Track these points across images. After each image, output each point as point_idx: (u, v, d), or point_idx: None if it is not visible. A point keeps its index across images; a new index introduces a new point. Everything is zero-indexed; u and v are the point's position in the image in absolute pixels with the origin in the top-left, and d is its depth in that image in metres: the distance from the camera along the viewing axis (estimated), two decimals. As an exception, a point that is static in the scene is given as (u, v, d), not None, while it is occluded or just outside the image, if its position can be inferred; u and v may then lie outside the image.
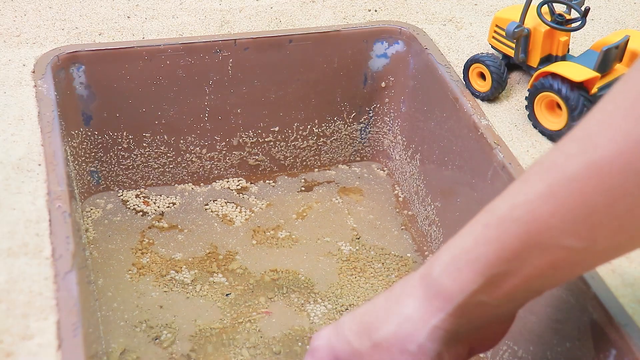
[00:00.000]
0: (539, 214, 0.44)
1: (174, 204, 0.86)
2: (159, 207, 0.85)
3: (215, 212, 0.85)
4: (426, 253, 0.81)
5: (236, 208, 0.85)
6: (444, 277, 0.48)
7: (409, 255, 0.82)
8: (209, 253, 0.80)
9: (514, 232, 0.45)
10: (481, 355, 0.71)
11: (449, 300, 0.48)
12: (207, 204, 0.86)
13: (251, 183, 0.89)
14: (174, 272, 0.78)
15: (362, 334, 0.52)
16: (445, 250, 0.49)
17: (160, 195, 0.86)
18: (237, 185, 0.88)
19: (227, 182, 0.89)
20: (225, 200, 0.86)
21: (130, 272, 0.77)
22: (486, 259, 0.46)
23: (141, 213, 0.84)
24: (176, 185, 0.88)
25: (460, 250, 0.48)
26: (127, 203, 0.85)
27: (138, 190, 0.87)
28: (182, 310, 0.74)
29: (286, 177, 0.90)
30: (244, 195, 0.87)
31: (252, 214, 0.85)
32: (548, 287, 0.49)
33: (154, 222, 0.83)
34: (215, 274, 0.78)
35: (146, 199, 0.86)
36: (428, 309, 0.49)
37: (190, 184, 0.88)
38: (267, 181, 0.89)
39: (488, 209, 0.47)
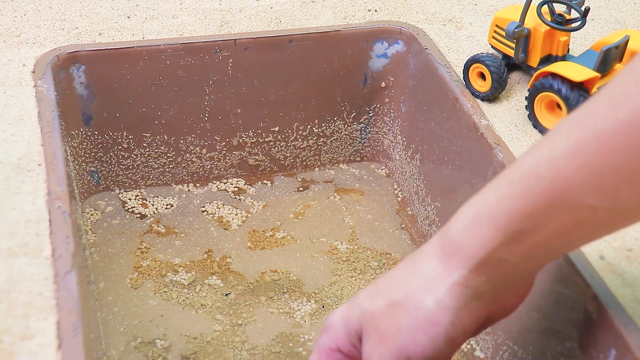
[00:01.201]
0: (565, 171, 0.43)
1: (171, 205, 0.85)
2: (157, 209, 0.85)
3: (212, 215, 0.85)
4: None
5: (233, 210, 0.85)
6: (465, 233, 0.47)
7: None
8: (206, 257, 0.80)
9: (538, 189, 0.44)
10: (481, 356, 0.71)
11: (469, 257, 0.47)
12: (203, 207, 0.85)
13: (250, 185, 0.88)
14: (172, 275, 0.77)
15: (376, 296, 0.50)
16: (467, 208, 0.48)
17: (158, 197, 0.86)
18: (234, 187, 0.88)
19: (225, 183, 0.89)
20: (222, 202, 0.86)
21: (130, 277, 0.77)
22: (509, 216, 0.45)
23: (139, 216, 0.84)
24: (175, 186, 0.88)
25: (482, 206, 0.47)
26: (126, 205, 0.85)
27: (137, 190, 0.87)
28: (182, 315, 0.74)
29: (283, 177, 0.90)
30: (241, 197, 0.87)
31: (249, 216, 0.85)
32: (570, 247, 0.48)
33: (152, 225, 0.83)
34: (213, 277, 0.78)
35: (144, 202, 0.85)
36: (448, 266, 0.48)
37: (189, 184, 0.88)
38: (265, 182, 0.89)
39: (513, 166, 0.46)
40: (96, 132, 0.83)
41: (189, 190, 0.87)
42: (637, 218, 0.46)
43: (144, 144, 0.85)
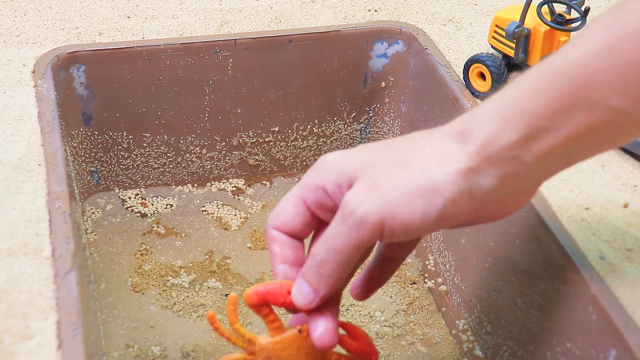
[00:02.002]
0: (592, 69, 0.44)
1: (171, 205, 0.85)
2: (156, 209, 0.85)
3: (212, 215, 0.84)
4: (426, 253, 0.81)
5: (232, 210, 0.85)
6: (486, 123, 0.47)
7: (409, 260, 0.82)
8: (206, 259, 0.80)
9: (563, 86, 0.44)
10: (481, 355, 0.71)
11: (487, 146, 0.46)
12: (203, 207, 0.85)
13: (249, 186, 0.88)
14: (172, 278, 0.77)
15: (384, 151, 0.49)
16: (493, 99, 0.48)
17: (157, 197, 0.86)
18: (233, 187, 0.88)
19: (224, 183, 0.88)
20: (222, 203, 0.86)
21: (131, 280, 0.77)
22: (532, 111, 0.45)
23: (139, 214, 0.84)
24: (175, 186, 0.88)
25: (507, 99, 0.47)
26: (126, 203, 0.85)
27: (138, 190, 0.87)
28: (182, 318, 0.74)
29: (282, 178, 0.90)
30: (240, 197, 0.87)
31: (249, 216, 0.85)
32: (585, 153, 0.48)
33: (152, 225, 0.83)
34: (213, 279, 0.78)
35: (144, 201, 0.85)
36: (464, 149, 0.47)
37: (189, 184, 0.88)
38: (264, 182, 0.89)
39: (542, 62, 0.46)
40: (96, 132, 0.83)
41: (189, 191, 0.87)
42: None
43: (144, 144, 0.85)
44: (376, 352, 0.54)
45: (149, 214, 0.84)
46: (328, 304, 0.51)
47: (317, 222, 0.52)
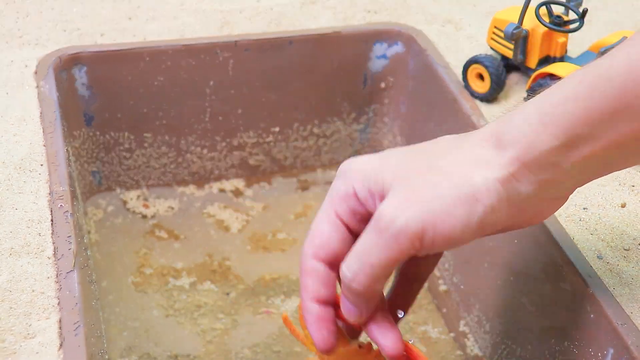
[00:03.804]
0: (636, 75, 0.42)
1: (172, 207, 0.86)
2: (158, 210, 0.85)
3: (213, 217, 0.85)
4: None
5: (233, 213, 0.85)
6: (525, 128, 0.45)
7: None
8: (207, 260, 0.80)
9: (607, 92, 0.43)
10: (480, 354, 0.71)
11: (526, 153, 0.45)
12: (204, 209, 0.86)
13: (249, 187, 0.89)
14: (174, 280, 0.78)
15: (416, 157, 0.47)
16: (530, 103, 0.46)
17: (159, 199, 0.86)
18: (234, 188, 0.88)
19: (225, 184, 0.89)
20: (223, 205, 0.86)
21: (133, 280, 0.77)
22: (572, 116, 0.44)
23: (141, 215, 0.84)
24: (176, 186, 0.88)
25: (547, 103, 0.45)
26: (127, 204, 0.85)
27: (139, 190, 0.87)
28: (183, 318, 0.74)
29: (282, 179, 0.90)
30: (241, 199, 0.87)
31: (250, 218, 0.85)
32: (623, 163, 0.47)
33: (154, 227, 0.83)
34: (214, 281, 0.78)
35: (146, 202, 0.86)
36: (503, 154, 0.45)
37: (190, 185, 0.88)
38: (265, 183, 0.89)
39: (586, 66, 0.45)
40: (98, 133, 0.83)
41: (191, 193, 0.88)
42: None
43: (145, 145, 0.85)
44: None
45: (150, 216, 0.84)
46: (380, 312, 0.49)
47: (353, 239, 0.48)
